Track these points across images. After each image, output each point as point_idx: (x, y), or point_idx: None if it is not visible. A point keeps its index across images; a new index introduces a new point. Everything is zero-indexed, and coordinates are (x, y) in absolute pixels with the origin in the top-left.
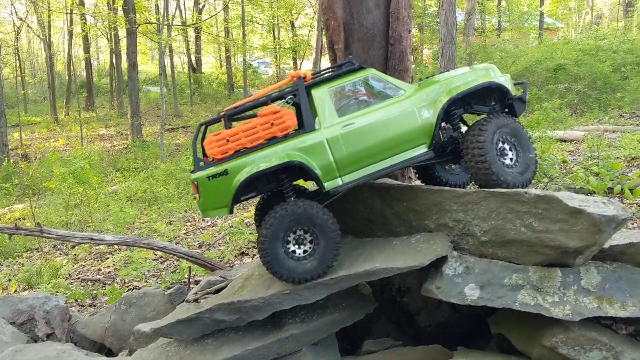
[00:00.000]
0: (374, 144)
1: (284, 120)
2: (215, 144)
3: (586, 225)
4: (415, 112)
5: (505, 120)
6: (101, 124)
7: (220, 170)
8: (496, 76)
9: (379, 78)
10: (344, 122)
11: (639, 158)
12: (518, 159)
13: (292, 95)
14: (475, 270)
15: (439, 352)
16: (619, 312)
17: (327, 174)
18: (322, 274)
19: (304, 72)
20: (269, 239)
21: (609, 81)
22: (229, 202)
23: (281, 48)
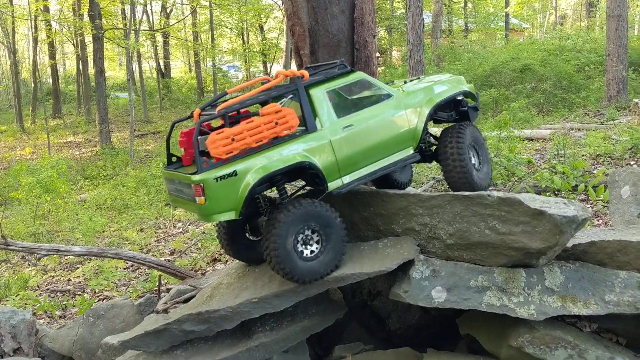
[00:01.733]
0: (372, 146)
1: (287, 120)
2: (220, 142)
3: (548, 227)
4: (405, 115)
5: (472, 128)
6: (69, 132)
7: (229, 171)
8: (466, 86)
9: (370, 82)
10: (343, 124)
11: (603, 155)
12: (481, 162)
13: (292, 94)
14: (441, 273)
15: (408, 354)
16: (582, 310)
17: (330, 175)
18: (330, 272)
19: (301, 72)
20: (282, 239)
21: (573, 80)
22: (238, 205)
23: (250, 52)
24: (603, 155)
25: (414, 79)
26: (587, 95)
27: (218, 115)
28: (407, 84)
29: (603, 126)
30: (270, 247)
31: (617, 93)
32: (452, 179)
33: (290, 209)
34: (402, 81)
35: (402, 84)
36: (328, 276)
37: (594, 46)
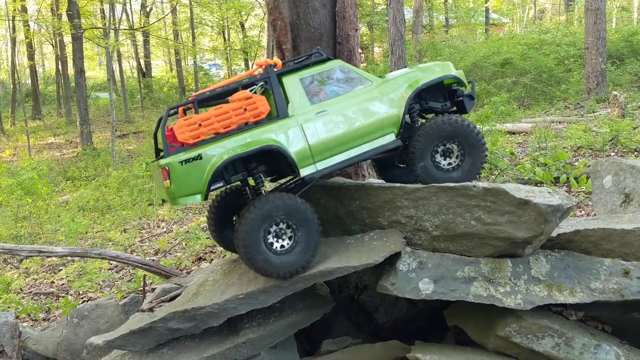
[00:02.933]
0: (347, 132)
1: (257, 106)
2: (187, 128)
3: (533, 216)
4: (384, 101)
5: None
6: (49, 133)
7: (194, 154)
8: (452, 70)
9: (348, 69)
10: (316, 110)
11: (584, 147)
12: (463, 161)
13: (264, 82)
14: (428, 265)
15: (397, 347)
16: (569, 298)
17: (302, 161)
18: (301, 269)
19: (274, 60)
20: (250, 233)
21: (553, 74)
22: (203, 188)
23: (232, 50)
24: (584, 147)
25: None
26: (567, 89)
27: (187, 102)
28: (392, 72)
29: (583, 119)
30: (240, 240)
31: (596, 86)
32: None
33: (260, 202)
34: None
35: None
36: (311, 270)
37: (573, 40)
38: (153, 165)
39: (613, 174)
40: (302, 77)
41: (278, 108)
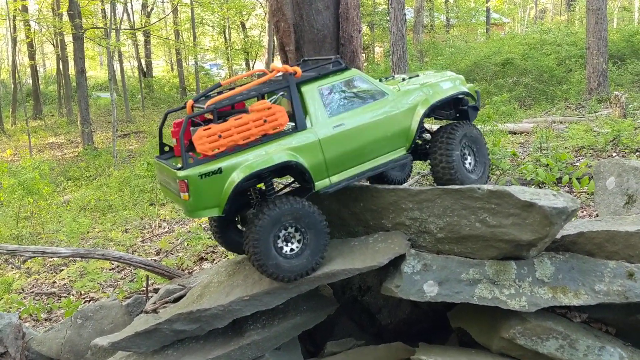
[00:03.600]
0: (362, 146)
1: (277, 117)
2: (207, 139)
3: (538, 218)
4: (399, 116)
5: (469, 128)
6: (50, 133)
7: (214, 168)
8: (466, 86)
9: (365, 79)
10: (334, 123)
11: (585, 148)
12: (476, 164)
13: (283, 91)
14: (433, 267)
15: (400, 349)
16: (573, 300)
17: (318, 174)
18: (311, 270)
19: (293, 68)
20: (263, 236)
21: (554, 74)
22: (222, 202)
23: (233, 49)
24: (585, 148)
25: (413, 76)
26: (569, 89)
27: (207, 111)
28: (406, 80)
29: (585, 119)
30: (250, 244)
31: (597, 86)
32: (437, 174)
33: (271, 207)
34: (401, 77)
35: (400, 81)
36: (315, 273)
37: (574, 40)
38: (164, 168)
39: (616, 175)
40: (320, 87)
41: (297, 119)
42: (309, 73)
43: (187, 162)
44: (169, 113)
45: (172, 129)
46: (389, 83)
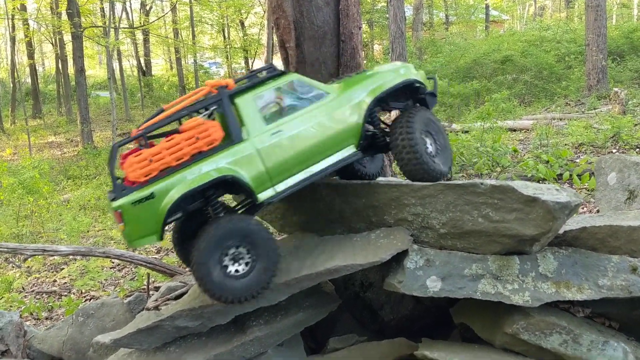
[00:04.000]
0: (305, 150)
1: (210, 133)
2: (137, 165)
3: (541, 213)
4: (342, 114)
5: (424, 113)
6: (50, 132)
7: (145, 194)
8: (413, 74)
9: (303, 82)
10: (272, 130)
11: (585, 144)
12: (438, 148)
13: (216, 105)
14: (435, 262)
15: (403, 344)
16: (576, 295)
17: (260, 185)
18: (257, 294)
19: (225, 81)
20: (205, 257)
21: (554, 71)
22: (158, 228)
23: (232, 48)
24: (585, 144)
25: (360, 72)
26: (568, 85)
27: (134, 138)
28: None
29: (584, 115)
30: (194, 266)
31: (597, 82)
32: (409, 171)
33: (212, 228)
34: (347, 76)
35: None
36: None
37: (574, 36)
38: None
39: (617, 171)
40: (255, 96)
41: (232, 132)
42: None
43: (119, 191)
44: (118, 146)
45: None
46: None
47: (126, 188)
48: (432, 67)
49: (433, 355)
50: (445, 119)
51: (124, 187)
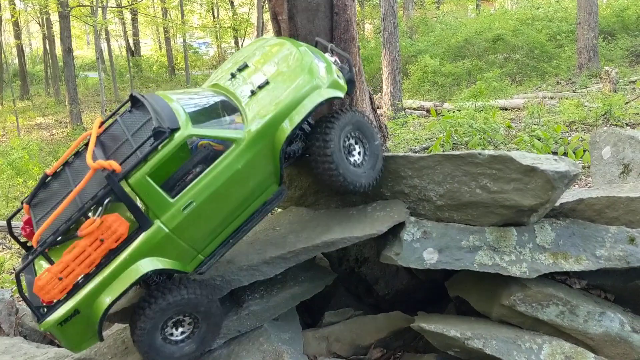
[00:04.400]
0: (224, 210)
1: (114, 229)
2: (48, 287)
3: (540, 183)
4: (255, 161)
5: (352, 116)
6: (38, 113)
7: (69, 311)
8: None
9: (202, 135)
10: (182, 204)
11: (577, 122)
12: (366, 154)
13: (109, 197)
14: (432, 234)
15: (399, 318)
16: (574, 266)
17: (186, 260)
18: (199, 356)
19: (109, 163)
20: (147, 332)
21: (545, 50)
22: (95, 332)
23: (221, 27)
24: (577, 123)
25: (242, 67)
26: (559, 64)
27: (37, 254)
28: (237, 78)
29: (575, 94)
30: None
31: (588, 61)
32: (324, 182)
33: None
34: (229, 73)
35: (229, 78)
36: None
37: (565, 15)
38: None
39: (612, 145)
40: (150, 172)
41: (138, 219)
42: (130, 160)
43: (40, 314)
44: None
45: (22, 232)
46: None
47: (47, 307)
48: (424, 46)
49: (430, 328)
50: (437, 98)
51: (44, 307)
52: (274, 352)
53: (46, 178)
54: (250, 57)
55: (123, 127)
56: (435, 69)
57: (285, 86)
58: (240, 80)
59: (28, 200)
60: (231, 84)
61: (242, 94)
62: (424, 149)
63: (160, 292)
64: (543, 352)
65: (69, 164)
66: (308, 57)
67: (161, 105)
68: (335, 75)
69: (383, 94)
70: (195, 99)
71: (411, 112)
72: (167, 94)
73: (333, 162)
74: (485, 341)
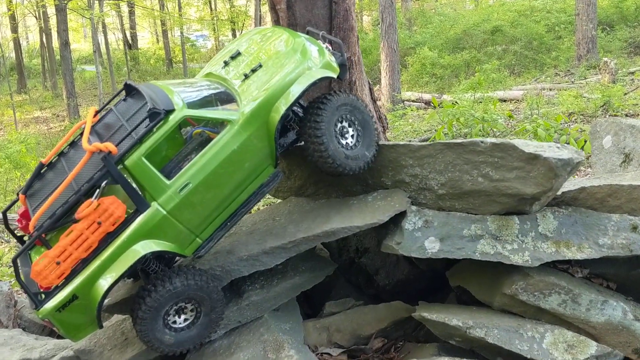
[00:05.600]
0: (221, 192)
1: (111, 212)
2: (46, 272)
3: (542, 171)
4: (250, 142)
5: (346, 98)
6: (35, 107)
7: (67, 297)
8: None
9: (198, 116)
10: (178, 185)
11: (576, 113)
12: (360, 138)
13: (106, 180)
14: (434, 223)
15: (400, 308)
16: (577, 254)
17: (184, 243)
18: (199, 344)
19: (105, 146)
20: (149, 320)
21: (544, 41)
22: (94, 319)
23: (219, 20)
24: (576, 114)
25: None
26: (558, 56)
27: (33, 240)
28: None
29: (574, 85)
30: (136, 322)
31: (587, 52)
32: (315, 163)
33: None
34: (222, 61)
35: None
36: (312, 232)
37: (564, 6)
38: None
39: (613, 134)
40: (147, 153)
41: (135, 202)
42: (125, 142)
43: (37, 301)
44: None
45: (19, 225)
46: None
47: (45, 293)
48: (422, 38)
49: (431, 317)
50: (435, 90)
51: (42, 293)
52: (275, 342)
53: (42, 168)
54: (242, 45)
55: (117, 114)
56: (434, 61)
57: (277, 68)
58: (232, 66)
59: (24, 191)
60: (224, 71)
61: (235, 78)
62: (423, 141)
63: (160, 280)
64: (545, 340)
65: (64, 154)
66: (299, 39)
67: (156, 90)
68: (328, 57)
69: (381, 86)
70: (190, 87)
71: (410, 104)
72: (162, 83)
73: (323, 143)
74: (487, 330)
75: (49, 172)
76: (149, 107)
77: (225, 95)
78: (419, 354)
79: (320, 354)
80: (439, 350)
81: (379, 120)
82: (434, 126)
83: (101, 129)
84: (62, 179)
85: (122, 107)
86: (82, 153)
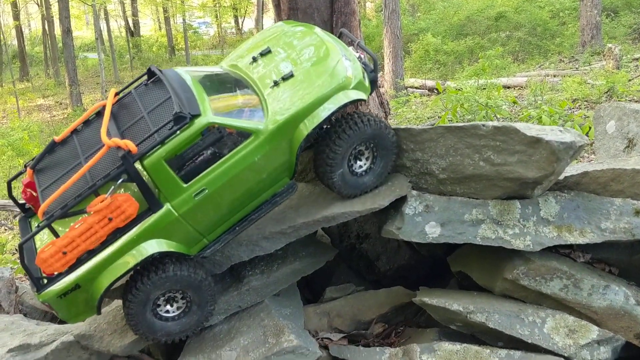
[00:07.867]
0: (234, 199)
1: (123, 209)
2: (52, 260)
3: (545, 154)
4: (272, 154)
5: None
6: (38, 95)
7: (70, 285)
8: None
9: (222, 124)
10: (194, 190)
11: (580, 100)
12: (374, 165)
13: (124, 176)
14: (435, 208)
15: (401, 293)
16: (579, 239)
17: (190, 244)
18: (191, 334)
19: (125, 143)
20: (137, 305)
21: (548, 27)
22: (94, 306)
23: (221, 7)
24: (580, 100)
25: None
26: (562, 42)
27: (43, 226)
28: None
29: (578, 72)
30: (125, 311)
31: (591, 38)
32: (318, 174)
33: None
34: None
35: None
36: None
37: None
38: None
39: (616, 119)
40: (167, 156)
41: (148, 201)
42: (147, 142)
43: (40, 284)
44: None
45: (23, 195)
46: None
47: (47, 278)
48: (426, 24)
49: (432, 302)
50: (439, 76)
51: (44, 278)
52: (275, 327)
53: (54, 145)
54: (273, 43)
55: (139, 102)
56: (437, 48)
57: (310, 82)
58: (261, 66)
59: (33, 165)
60: (252, 68)
61: (265, 82)
62: None
63: (153, 267)
64: (546, 325)
65: (77, 132)
66: (336, 53)
67: (184, 87)
68: (361, 75)
69: (385, 73)
70: (216, 80)
71: (413, 91)
72: (187, 71)
73: (333, 172)
74: (487, 315)
75: (60, 149)
76: (176, 110)
77: (252, 95)
78: (420, 339)
79: (321, 338)
80: (440, 335)
81: (380, 105)
82: (438, 112)
83: (120, 114)
84: (74, 161)
85: (144, 93)
86: (97, 137)
